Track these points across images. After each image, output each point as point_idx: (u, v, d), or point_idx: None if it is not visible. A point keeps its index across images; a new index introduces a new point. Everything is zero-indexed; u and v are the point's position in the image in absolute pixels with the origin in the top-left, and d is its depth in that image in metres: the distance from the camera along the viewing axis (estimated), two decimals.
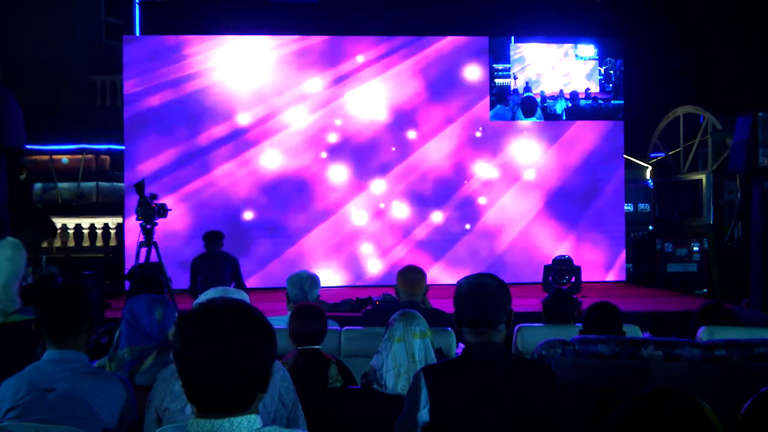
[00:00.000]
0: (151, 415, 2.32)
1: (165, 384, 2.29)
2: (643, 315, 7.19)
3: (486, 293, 2.30)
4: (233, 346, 1.45)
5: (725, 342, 3.10)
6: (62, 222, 12.52)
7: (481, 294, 2.30)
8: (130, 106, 10.41)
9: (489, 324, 2.29)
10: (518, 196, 10.86)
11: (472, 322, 2.31)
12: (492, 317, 2.29)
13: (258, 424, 1.49)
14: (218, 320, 1.47)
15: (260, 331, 1.50)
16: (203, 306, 1.52)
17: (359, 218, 10.62)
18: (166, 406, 2.24)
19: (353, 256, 10.62)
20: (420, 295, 4.07)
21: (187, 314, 1.52)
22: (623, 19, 11.37)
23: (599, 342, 3.09)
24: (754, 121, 6.82)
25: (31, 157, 13.43)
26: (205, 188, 10.42)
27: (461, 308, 2.35)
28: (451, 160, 10.77)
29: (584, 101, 10.93)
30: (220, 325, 1.46)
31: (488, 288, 2.31)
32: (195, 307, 1.54)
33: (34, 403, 2.33)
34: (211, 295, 2.51)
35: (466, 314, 2.32)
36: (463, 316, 2.34)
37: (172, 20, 11.00)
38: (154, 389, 2.34)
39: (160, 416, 2.28)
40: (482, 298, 2.29)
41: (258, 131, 10.53)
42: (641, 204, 12.19)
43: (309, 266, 9.44)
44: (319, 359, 3.25)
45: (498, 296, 2.31)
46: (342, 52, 10.69)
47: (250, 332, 1.48)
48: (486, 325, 2.29)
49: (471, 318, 2.31)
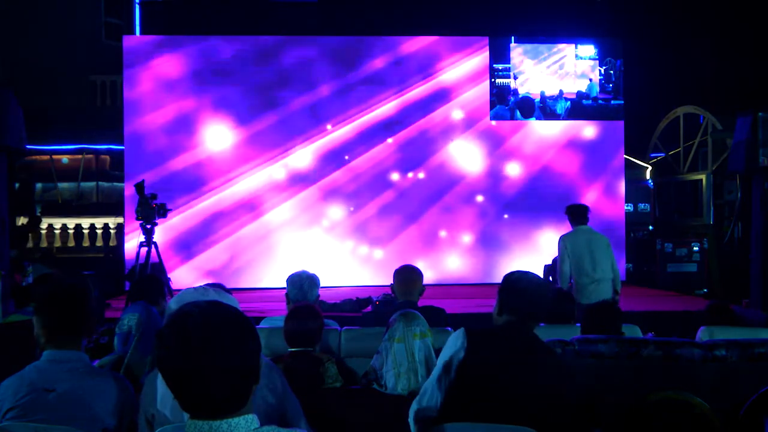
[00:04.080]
0: (142, 419, 2.31)
1: (150, 389, 2.27)
2: (643, 315, 7.18)
3: (541, 294, 2.55)
4: (218, 350, 1.44)
5: (725, 342, 3.10)
6: (62, 222, 12.52)
7: (538, 293, 2.53)
8: (130, 106, 10.41)
9: (534, 318, 2.56)
10: (518, 196, 10.85)
11: (517, 312, 2.52)
12: (539, 314, 2.57)
13: (255, 423, 1.49)
14: (198, 328, 1.45)
15: (241, 330, 1.49)
16: (180, 315, 1.49)
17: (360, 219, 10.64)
18: (152, 411, 2.23)
19: (354, 256, 10.63)
20: (416, 295, 4.07)
21: (166, 325, 1.49)
22: (623, 19, 11.37)
23: (599, 342, 3.09)
24: (754, 121, 6.82)
25: (31, 157, 13.44)
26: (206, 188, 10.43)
27: (513, 298, 2.53)
28: (450, 160, 10.77)
29: (585, 101, 10.93)
30: (201, 332, 1.45)
31: (544, 289, 2.58)
32: (172, 317, 1.50)
33: (34, 403, 2.33)
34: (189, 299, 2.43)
35: (517, 304, 2.52)
36: (513, 304, 2.53)
37: (172, 20, 11.00)
38: (143, 394, 2.32)
39: (149, 420, 2.27)
40: (538, 297, 2.53)
41: (258, 131, 10.53)
42: (641, 204, 12.18)
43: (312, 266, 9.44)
44: (310, 360, 3.24)
45: (548, 299, 2.63)
46: (341, 52, 10.69)
47: (231, 333, 1.47)
48: (532, 318, 2.54)
49: (521, 308, 2.52)
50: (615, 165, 11.02)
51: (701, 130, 12.06)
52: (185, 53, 10.47)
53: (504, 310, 2.54)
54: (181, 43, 10.49)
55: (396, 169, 10.71)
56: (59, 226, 12.49)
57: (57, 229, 12.47)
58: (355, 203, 10.65)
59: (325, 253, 10.53)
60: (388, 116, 10.71)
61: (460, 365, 2.40)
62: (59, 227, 12.48)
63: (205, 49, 10.50)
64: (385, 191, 10.69)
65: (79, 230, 12.49)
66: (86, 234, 12.48)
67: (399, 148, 10.72)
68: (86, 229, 12.49)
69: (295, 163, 10.57)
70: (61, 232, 12.48)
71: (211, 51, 10.52)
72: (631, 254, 11.23)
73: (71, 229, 12.49)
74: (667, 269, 10.42)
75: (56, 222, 12.49)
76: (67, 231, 12.50)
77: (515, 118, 10.87)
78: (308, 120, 10.58)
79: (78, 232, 12.49)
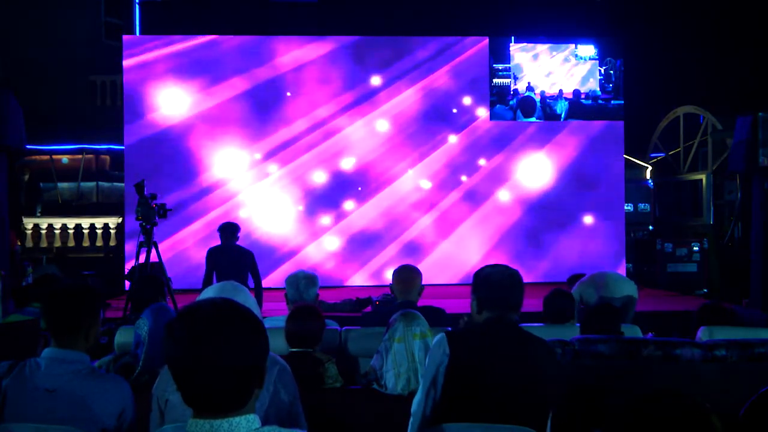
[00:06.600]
0: (154, 409, 2.32)
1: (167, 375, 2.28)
2: (643, 315, 7.18)
3: (515, 282, 2.54)
4: (224, 346, 1.44)
5: (725, 342, 3.10)
6: (62, 222, 12.51)
7: (511, 283, 2.53)
8: (130, 105, 10.41)
9: (514, 309, 2.53)
10: (518, 196, 10.86)
11: (497, 306, 2.51)
12: (517, 303, 2.54)
13: (257, 423, 1.49)
14: (208, 321, 1.46)
15: (250, 329, 1.50)
16: (192, 308, 1.51)
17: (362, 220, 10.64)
18: (167, 396, 2.24)
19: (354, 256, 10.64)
20: (415, 294, 4.06)
21: (176, 317, 1.51)
22: (623, 19, 11.37)
23: (599, 342, 3.09)
24: (754, 121, 6.82)
25: (31, 157, 13.44)
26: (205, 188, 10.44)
27: (489, 293, 2.53)
28: (450, 160, 10.77)
29: (585, 101, 10.93)
30: (210, 326, 1.46)
31: (517, 277, 2.55)
32: (184, 309, 1.53)
33: (35, 403, 2.33)
34: (220, 291, 2.50)
35: (495, 298, 2.52)
36: (491, 299, 2.52)
37: (172, 20, 11.00)
38: (158, 381, 2.34)
39: (161, 408, 2.28)
40: (512, 287, 2.53)
41: (258, 131, 10.53)
42: (641, 204, 12.18)
43: (311, 266, 9.46)
44: (311, 361, 3.25)
45: (522, 286, 2.57)
46: (341, 52, 10.69)
47: (240, 331, 1.48)
48: (512, 309, 2.53)
49: (499, 302, 2.51)
50: (615, 165, 11.02)
51: (701, 130, 12.07)
52: (185, 53, 10.47)
53: (483, 307, 2.53)
54: (180, 43, 10.48)
55: (396, 169, 10.71)
56: (59, 226, 12.48)
57: (57, 229, 12.46)
58: (355, 203, 10.65)
59: (326, 252, 10.54)
60: (388, 116, 10.71)
61: (447, 371, 2.40)
62: (59, 227, 12.48)
63: (205, 49, 10.50)
64: (385, 191, 10.69)
65: (79, 230, 12.49)
66: (86, 234, 12.48)
67: (399, 148, 10.71)
68: (86, 229, 12.49)
69: (295, 163, 10.57)
70: (61, 232, 12.48)
71: (211, 51, 10.51)
72: (631, 254, 11.23)
73: (71, 229, 12.49)
74: (667, 269, 10.42)
75: (56, 222, 12.49)
76: (67, 231, 12.49)
77: (515, 118, 10.87)
78: (308, 120, 10.58)
79: (78, 232, 12.49)
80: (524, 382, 2.39)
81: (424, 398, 2.45)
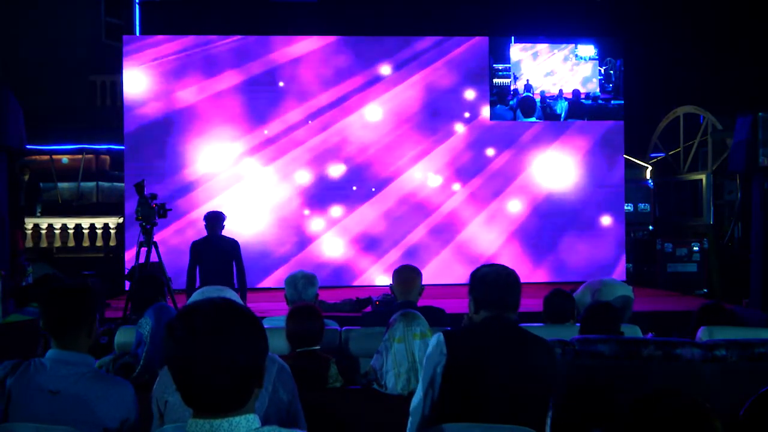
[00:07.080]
0: (154, 411, 2.32)
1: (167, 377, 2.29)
2: (643, 315, 7.18)
3: (512, 282, 2.54)
4: (224, 346, 1.45)
5: (725, 342, 3.10)
6: (62, 222, 12.51)
7: (507, 283, 2.54)
8: (130, 105, 10.41)
9: (511, 308, 2.54)
10: (518, 196, 10.85)
11: (494, 305, 2.51)
12: (514, 303, 2.55)
13: (257, 423, 1.49)
14: (207, 321, 1.47)
15: (250, 329, 1.50)
16: (192, 307, 1.51)
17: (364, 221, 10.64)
18: (166, 398, 2.25)
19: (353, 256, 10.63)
20: (415, 294, 4.06)
21: (176, 317, 1.51)
22: (623, 19, 11.37)
23: (599, 342, 3.09)
24: (754, 121, 6.82)
25: (31, 157, 13.44)
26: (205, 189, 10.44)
27: (486, 293, 2.53)
28: (450, 160, 10.77)
29: (585, 101, 10.93)
30: (210, 325, 1.46)
31: (513, 277, 2.56)
32: (184, 309, 1.53)
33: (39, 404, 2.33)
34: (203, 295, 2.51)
35: (491, 298, 2.52)
36: (487, 299, 2.53)
37: (172, 20, 11.00)
38: (157, 382, 2.34)
39: (161, 410, 2.28)
40: (508, 287, 2.53)
41: (258, 131, 10.53)
42: (641, 204, 12.18)
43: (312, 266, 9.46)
44: (317, 360, 3.25)
45: (519, 285, 2.57)
46: (340, 52, 10.69)
47: (239, 331, 1.48)
48: (509, 309, 2.53)
49: (496, 302, 2.52)
50: (615, 165, 11.02)
51: (701, 130, 12.07)
52: (185, 53, 10.47)
53: (480, 306, 2.54)
54: (181, 43, 10.48)
55: (395, 169, 10.70)
56: (59, 226, 12.48)
57: (57, 229, 12.46)
58: (354, 202, 10.65)
59: (325, 253, 10.54)
60: (387, 116, 10.71)
61: (445, 372, 2.41)
62: (59, 227, 12.48)
63: (205, 49, 10.50)
64: (384, 191, 10.69)
65: (79, 230, 12.49)
66: (86, 234, 12.47)
67: (399, 148, 10.71)
68: (86, 229, 12.49)
69: (294, 161, 10.57)
70: (61, 232, 12.48)
71: (211, 51, 10.51)
72: (631, 254, 11.23)
73: (71, 229, 12.48)
74: (667, 269, 10.42)
75: (56, 222, 12.49)
76: (67, 231, 12.49)
77: (515, 118, 10.87)
78: (308, 120, 10.58)
79: (78, 232, 12.49)
80: (523, 382, 2.39)
81: (422, 398, 2.45)
